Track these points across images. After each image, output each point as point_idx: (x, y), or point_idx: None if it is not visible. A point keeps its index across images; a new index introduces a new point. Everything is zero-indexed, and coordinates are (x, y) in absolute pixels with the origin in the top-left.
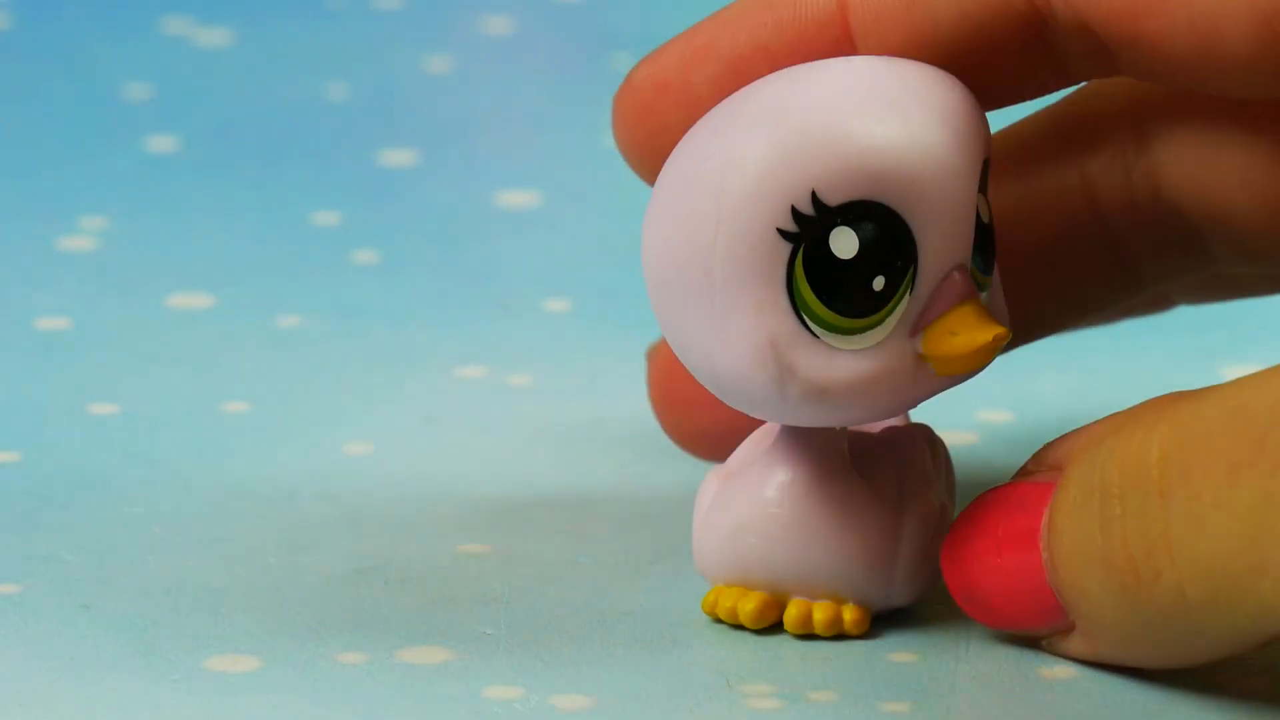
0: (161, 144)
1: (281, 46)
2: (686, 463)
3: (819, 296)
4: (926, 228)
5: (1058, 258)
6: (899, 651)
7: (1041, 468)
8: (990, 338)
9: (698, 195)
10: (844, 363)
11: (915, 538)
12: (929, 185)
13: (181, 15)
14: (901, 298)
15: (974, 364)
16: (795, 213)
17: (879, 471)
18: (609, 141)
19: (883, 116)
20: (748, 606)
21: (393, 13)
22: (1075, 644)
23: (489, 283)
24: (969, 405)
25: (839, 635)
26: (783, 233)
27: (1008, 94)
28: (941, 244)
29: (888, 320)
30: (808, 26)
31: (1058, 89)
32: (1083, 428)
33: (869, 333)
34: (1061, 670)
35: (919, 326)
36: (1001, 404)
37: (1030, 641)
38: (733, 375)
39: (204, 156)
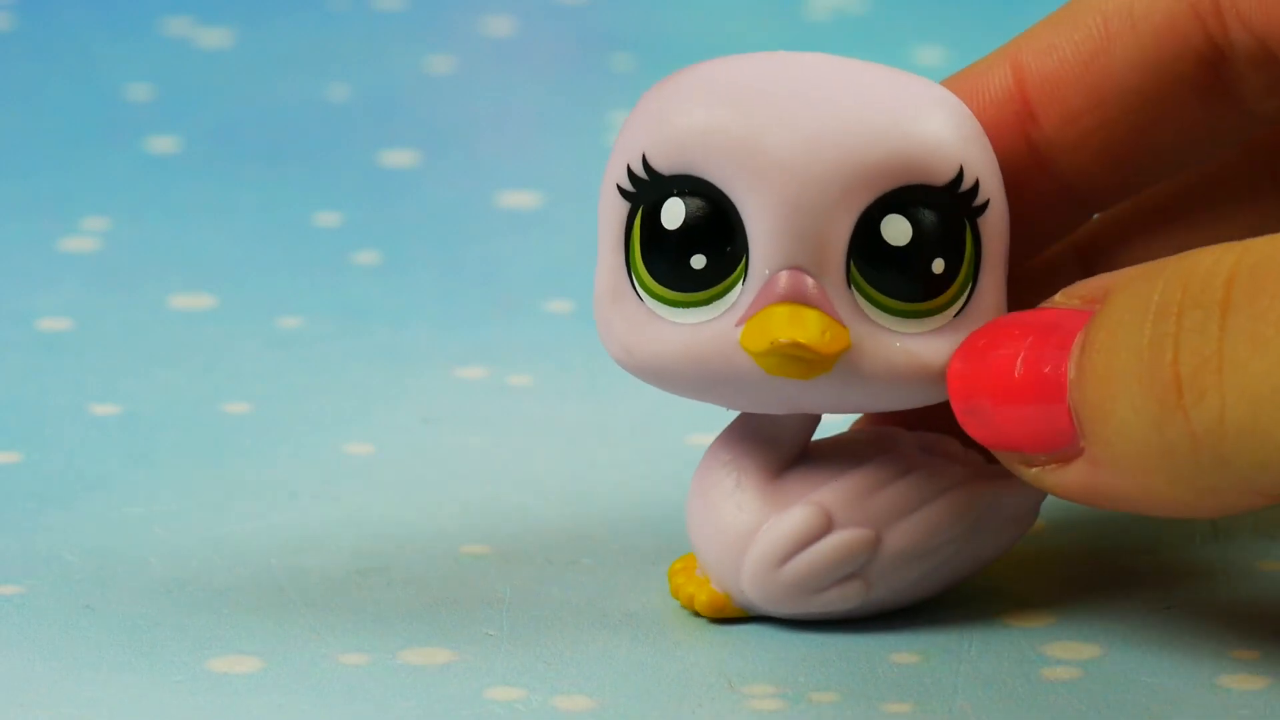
0: (163, 145)
1: (282, 47)
2: (688, 463)
3: (644, 261)
4: (756, 220)
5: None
6: (901, 652)
7: (1073, 300)
8: (778, 338)
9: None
10: (659, 331)
11: (769, 544)
12: (758, 176)
13: (182, 16)
14: (732, 285)
15: (784, 367)
16: (630, 172)
17: (822, 474)
18: (610, 141)
19: (740, 103)
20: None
21: (394, 13)
22: (1075, 472)
23: (490, 283)
24: None
25: (837, 629)
26: (620, 190)
27: (1195, 147)
28: (772, 240)
29: (715, 303)
30: (987, 106)
31: (1245, 136)
32: (1125, 268)
33: (692, 309)
34: (1064, 671)
35: (744, 317)
36: None
37: (1021, 465)
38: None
39: (205, 157)
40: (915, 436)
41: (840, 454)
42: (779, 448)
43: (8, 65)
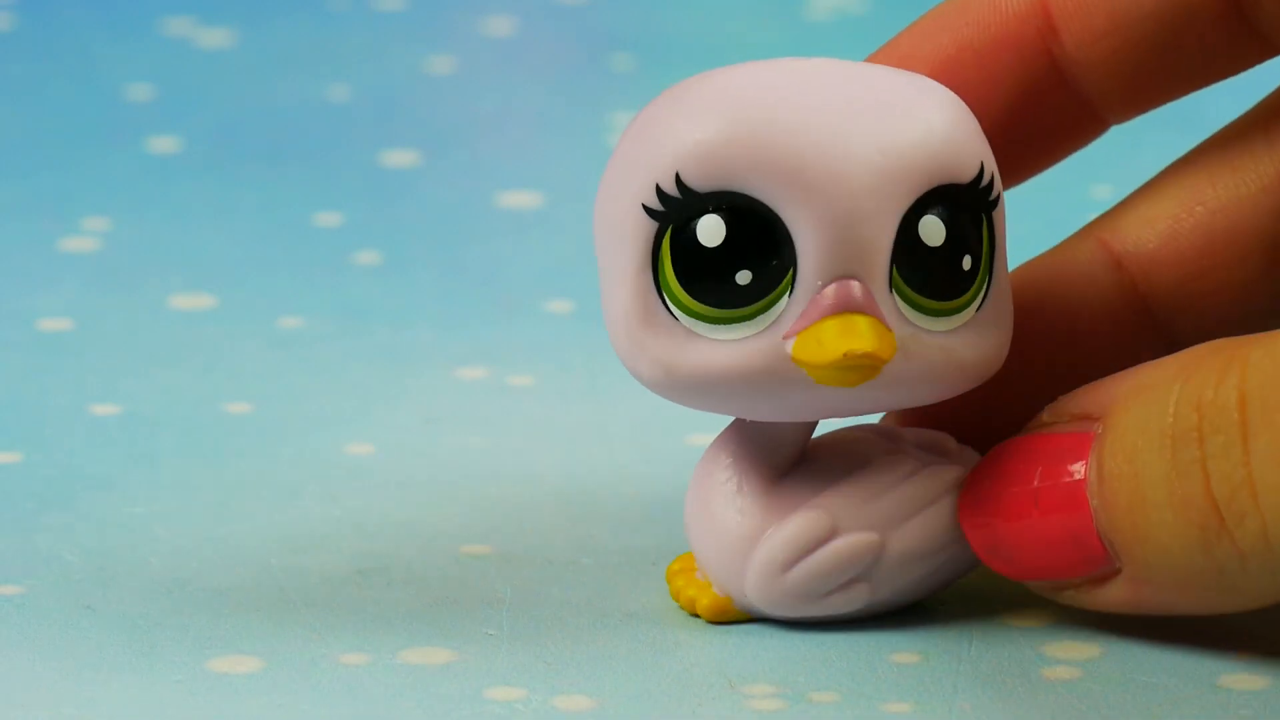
0: (163, 145)
1: (283, 47)
2: (688, 463)
3: (680, 280)
4: (805, 233)
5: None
6: (901, 652)
7: (1062, 419)
8: (852, 349)
9: (611, 162)
10: (702, 350)
11: (773, 549)
12: (808, 189)
13: (183, 16)
14: (778, 298)
15: (840, 378)
16: (659, 191)
17: (824, 477)
18: (610, 141)
19: (778, 116)
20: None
21: (394, 14)
22: (1115, 591)
23: (490, 284)
24: None
25: (838, 629)
26: (647, 209)
27: (1212, 69)
28: (822, 252)
29: (760, 317)
30: (1010, 20)
31: (1260, 61)
32: (1108, 379)
33: (736, 325)
34: (1064, 671)
35: (795, 330)
36: None
37: (1050, 594)
38: (613, 341)
39: (206, 157)
40: (912, 433)
41: (840, 455)
42: (780, 450)
43: (8, 65)
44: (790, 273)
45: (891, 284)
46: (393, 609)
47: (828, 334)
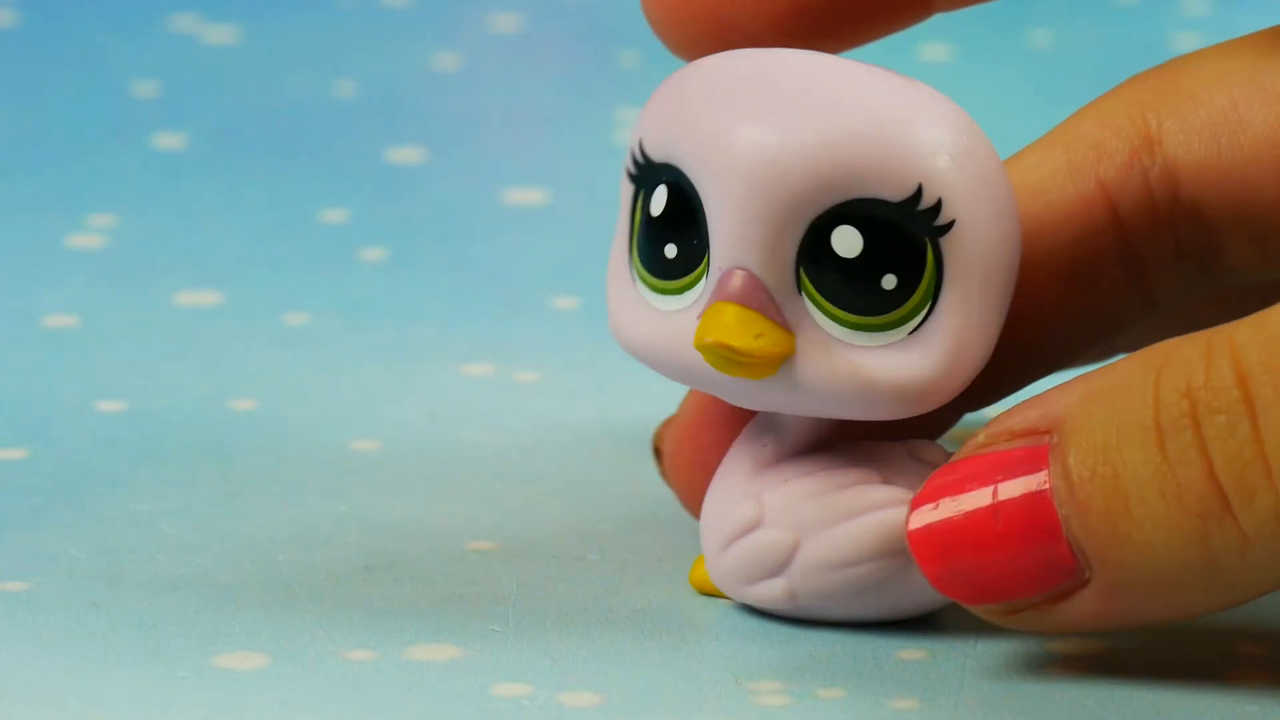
0: (169, 141)
1: (289, 44)
2: None
3: (634, 244)
4: (715, 217)
5: (1076, 277)
6: (908, 649)
7: (999, 440)
8: (710, 339)
9: None
10: (644, 316)
11: (720, 528)
12: (716, 175)
13: (189, 12)
14: (700, 277)
15: (725, 367)
16: (633, 156)
17: (789, 473)
18: (618, 138)
19: (718, 99)
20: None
21: (401, 10)
22: (1081, 605)
23: (497, 280)
24: None
25: (844, 626)
26: (628, 172)
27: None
28: (724, 239)
29: (687, 293)
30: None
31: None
32: (1041, 395)
33: (670, 297)
34: (1070, 668)
35: (701, 311)
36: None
37: (1006, 614)
38: None
39: (212, 154)
40: (912, 445)
41: (828, 456)
42: (781, 441)
43: (14, 62)
44: (707, 255)
45: (800, 286)
46: (399, 605)
47: (715, 320)
